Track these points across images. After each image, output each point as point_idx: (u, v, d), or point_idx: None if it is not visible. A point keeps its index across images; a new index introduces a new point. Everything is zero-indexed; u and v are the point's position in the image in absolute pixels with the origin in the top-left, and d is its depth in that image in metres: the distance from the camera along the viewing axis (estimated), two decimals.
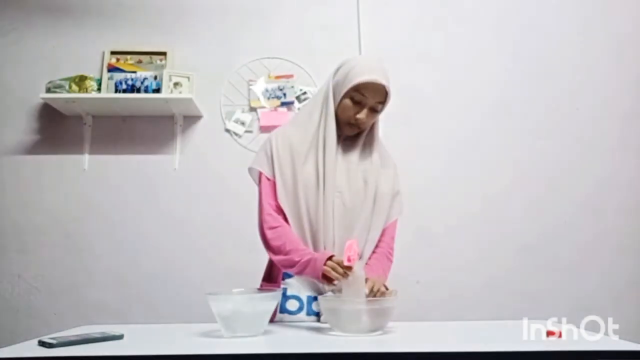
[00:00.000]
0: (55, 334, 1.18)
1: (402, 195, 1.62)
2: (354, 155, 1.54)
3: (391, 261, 1.56)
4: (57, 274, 2.52)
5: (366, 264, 1.51)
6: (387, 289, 1.38)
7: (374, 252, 1.54)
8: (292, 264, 1.43)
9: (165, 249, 2.54)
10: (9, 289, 2.51)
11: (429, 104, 2.68)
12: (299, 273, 1.43)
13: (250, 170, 1.58)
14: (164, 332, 1.35)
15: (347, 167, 1.53)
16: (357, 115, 1.48)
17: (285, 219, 1.49)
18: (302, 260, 1.40)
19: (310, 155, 1.51)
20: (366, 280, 1.34)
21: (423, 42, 2.73)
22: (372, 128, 1.57)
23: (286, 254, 1.44)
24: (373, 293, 1.31)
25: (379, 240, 1.55)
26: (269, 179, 1.52)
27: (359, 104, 1.48)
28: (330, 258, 1.36)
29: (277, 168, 1.52)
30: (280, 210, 1.50)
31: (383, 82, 1.45)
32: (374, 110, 1.49)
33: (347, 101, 1.48)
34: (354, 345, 1.11)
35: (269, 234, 1.48)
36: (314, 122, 1.53)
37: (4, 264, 2.52)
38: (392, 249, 1.58)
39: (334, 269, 1.33)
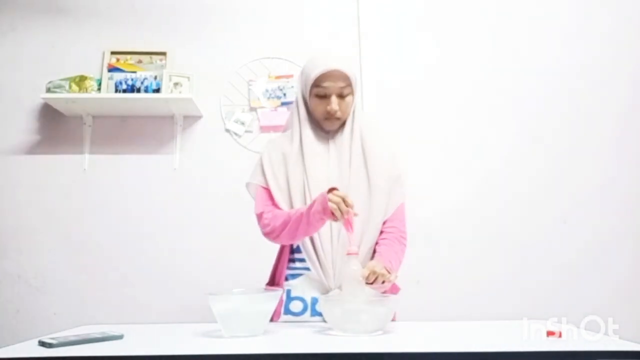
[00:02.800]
0: (55, 334, 1.18)
1: (404, 179, 1.60)
2: (345, 148, 1.54)
3: (404, 244, 1.55)
4: (57, 274, 2.52)
5: (376, 252, 1.50)
6: (389, 272, 1.36)
7: (384, 238, 1.52)
8: (300, 220, 1.40)
9: (165, 248, 2.54)
10: (9, 289, 2.51)
11: (429, 103, 2.68)
12: (309, 223, 1.39)
13: (247, 186, 1.60)
14: (164, 332, 1.35)
15: (339, 162, 1.53)
16: (327, 108, 1.49)
17: None
18: (306, 210, 1.39)
19: (299, 160, 1.53)
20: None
21: (423, 41, 2.73)
22: (356, 117, 1.55)
23: (290, 219, 1.42)
24: (368, 281, 1.30)
25: (389, 227, 1.54)
26: (264, 188, 1.55)
27: (324, 97, 1.50)
28: (331, 191, 1.36)
29: (271, 175, 1.54)
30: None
31: (335, 66, 1.47)
32: (342, 97, 1.50)
33: (314, 99, 1.52)
34: (353, 345, 1.11)
35: (268, 219, 1.48)
36: (296, 128, 1.56)
37: (4, 264, 2.52)
38: (403, 232, 1.57)
39: (338, 205, 1.32)
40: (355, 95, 1.56)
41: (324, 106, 1.51)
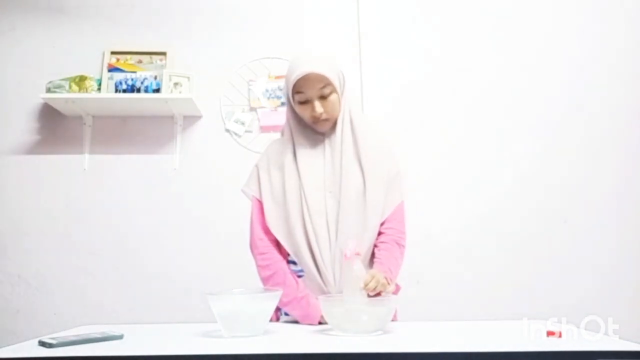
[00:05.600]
0: (55, 334, 1.18)
1: (403, 176, 1.58)
2: (337, 148, 1.51)
3: (403, 246, 1.53)
4: (57, 274, 2.52)
5: (374, 257, 1.49)
6: (388, 282, 1.36)
7: (382, 241, 1.51)
8: (288, 304, 1.44)
9: (165, 248, 2.54)
10: (9, 289, 2.51)
11: (429, 104, 2.68)
12: (293, 314, 1.46)
13: (243, 191, 1.61)
14: (164, 332, 1.35)
15: (332, 163, 1.51)
16: (312, 112, 1.48)
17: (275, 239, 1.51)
18: (298, 311, 1.44)
19: (294, 167, 1.52)
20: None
21: (423, 42, 2.73)
22: (346, 115, 1.53)
23: (283, 289, 1.39)
24: (368, 289, 1.29)
25: (388, 228, 1.52)
26: (258, 200, 1.54)
27: (307, 102, 1.48)
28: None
29: (267, 183, 1.54)
30: (269, 231, 1.51)
31: (310, 70, 1.43)
32: (324, 97, 1.47)
33: (298, 106, 1.50)
34: (353, 345, 1.11)
35: (259, 260, 1.52)
36: (288, 134, 1.56)
37: (4, 264, 2.52)
38: (402, 232, 1.54)
39: None
40: (344, 93, 1.52)
41: (308, 111, 1.48)
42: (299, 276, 1.50)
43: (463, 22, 2.75)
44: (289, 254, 1.52)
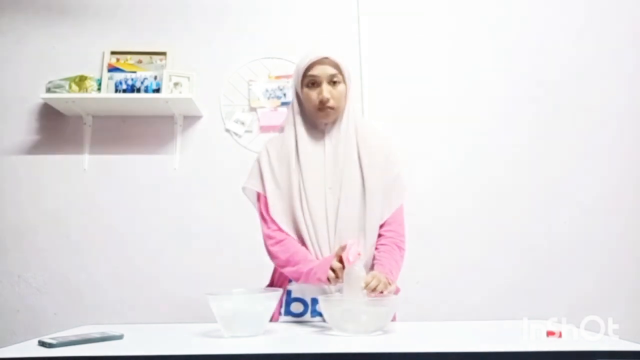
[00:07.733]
0: (55, 334, 1.18)
1: (403, 177, 1.58)
2: (339, 146, 1.52)
3: (403, 249, 1.54)
4: (57, 274, 2.52)
5: (375, 259, 1.49)
6: (390, 283, 1.36)
7: (383, 244, 1.51)
8: (299, 272, 1.43)
9: (165, 249, 2.54)
10: (9, 289, 2.51)
11: (430, 105, 2.67)
12: (307, 281, 1.43)
13: (244, 190, 1.59)
14: (164, 332, 1.35)
15: (333, 161, 1.52)
16: (319, 96, 1.49)
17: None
18: (306, 271, 1.41)
19: (295, 161, 1.52)
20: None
21: (423, 43, 2.73)
22: (350, 116, 1.55)
23: (295, 264, 1.43)
24: (369, 288, 1.29)
25: (388, 230, 1.52)
26: (264, 196, 1.54)
27: (315, 86, 1.51)
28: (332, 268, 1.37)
29: (270, 178, 1.53)
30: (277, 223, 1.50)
31: (324, 54, 1.50)
32: (333, 84, 1.50)
33: (306, 90, 1.52)
34: (353, 345, 1.11)
35: (274, 250, 1.49)
36: (291, 129, 1.56)
37: (4, 264, 2.52)
38: (402, 236, 1.55)
39: (337, 272, 1.35)
40: (349, 89, 1.54)
41: (316, 94, 1.50)
42: None
43: (464, 24, 2.74)
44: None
